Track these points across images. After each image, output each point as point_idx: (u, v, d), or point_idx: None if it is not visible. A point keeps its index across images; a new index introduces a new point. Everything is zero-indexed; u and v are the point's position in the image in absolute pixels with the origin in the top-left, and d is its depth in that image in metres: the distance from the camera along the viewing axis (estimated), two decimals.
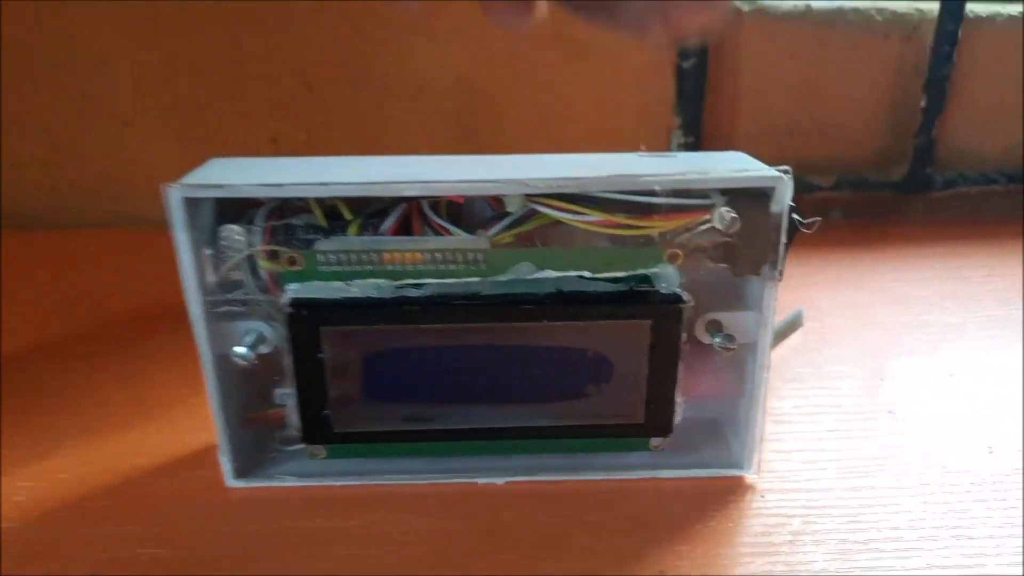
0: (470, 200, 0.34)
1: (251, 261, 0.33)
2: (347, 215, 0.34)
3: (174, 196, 0.30)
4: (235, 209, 0.33)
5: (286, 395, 0.35)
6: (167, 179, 0.30)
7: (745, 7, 0.65)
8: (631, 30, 0.23)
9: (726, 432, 0.38)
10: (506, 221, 0.34)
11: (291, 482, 0.36)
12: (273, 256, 0.33)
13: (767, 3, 0.66)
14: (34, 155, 0.66)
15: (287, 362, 0.33)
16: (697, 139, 0.67)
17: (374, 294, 0.32)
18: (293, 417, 0.34)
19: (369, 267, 0.32)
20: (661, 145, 0.68)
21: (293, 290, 0.32)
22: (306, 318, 0.32)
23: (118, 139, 0.66)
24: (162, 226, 0.31)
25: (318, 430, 0.34)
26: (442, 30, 0.64)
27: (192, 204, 0.30)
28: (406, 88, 0.66)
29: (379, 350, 0.33)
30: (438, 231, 0.34)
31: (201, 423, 0.41)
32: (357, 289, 0.32)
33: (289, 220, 0.33)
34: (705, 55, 0.66)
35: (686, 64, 0.66)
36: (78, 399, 0.44)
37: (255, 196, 0.31)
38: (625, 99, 0.67)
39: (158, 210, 0.31)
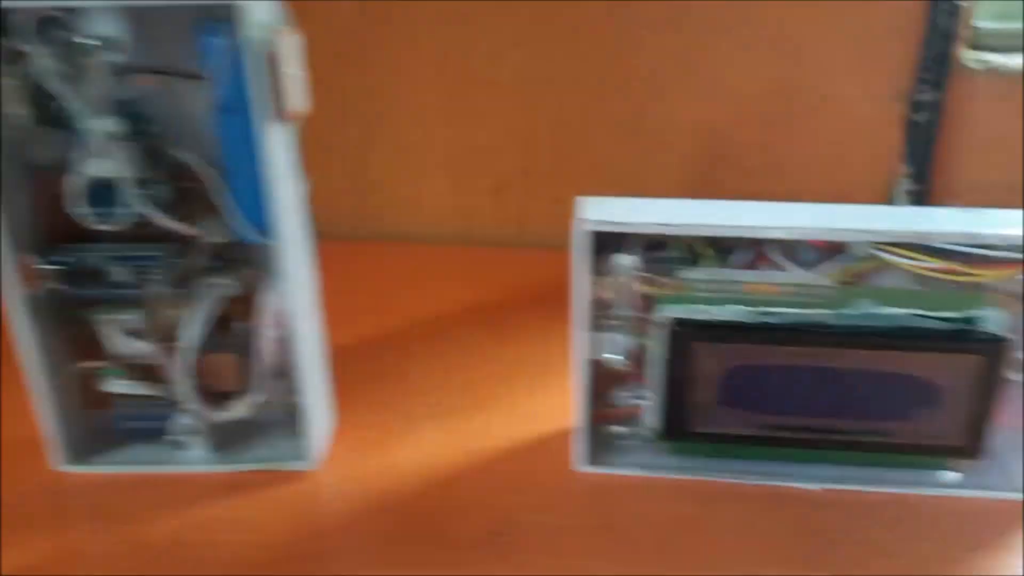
0: (795, 242, 0.40)
1: (628, 284, 0.40)
2: (705, 251, 0.40)
3: (584, 230, 0.38)
4: (613, 240, 0.40)
5: (638, 397, 0.42)
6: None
7: (980, 67, 0.69)
8: None
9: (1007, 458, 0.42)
10: (843, 262, 0.40)
11: (635, 471, 0.43)
12: (649, 281, 0.40)
13: (1000, 63, 0.69)
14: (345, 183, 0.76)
15: (652, 368, 0.40)
16: (926, 189, 0.71)
17: (738, 318, 0.39)
18: (650, 415, 0.41)
19: (732, 295, 0.39)
20: (886, 193, 0.73)
21: (670, 311, 0.39)
22: (682, 334, 0.39)
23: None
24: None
25: (676, 428, 0.41)
26: (687, 78, 0.71)
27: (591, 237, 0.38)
28: (647, 130, 0.73)
29: (738, 365, 0.39)
30: (780, 267, 0.40)
31: (552, 413, 0.48)
32: (723, 313, 0.39)
33: (656, 252, 0.41)
34: (936, 109, 0.70)
35: (917, 118, 0.71)
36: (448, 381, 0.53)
37: (650, 232, 0.38)
38: (855, 147, 0.72)
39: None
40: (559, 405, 0.50)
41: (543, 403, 0.51)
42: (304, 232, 0.42)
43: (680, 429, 0.41)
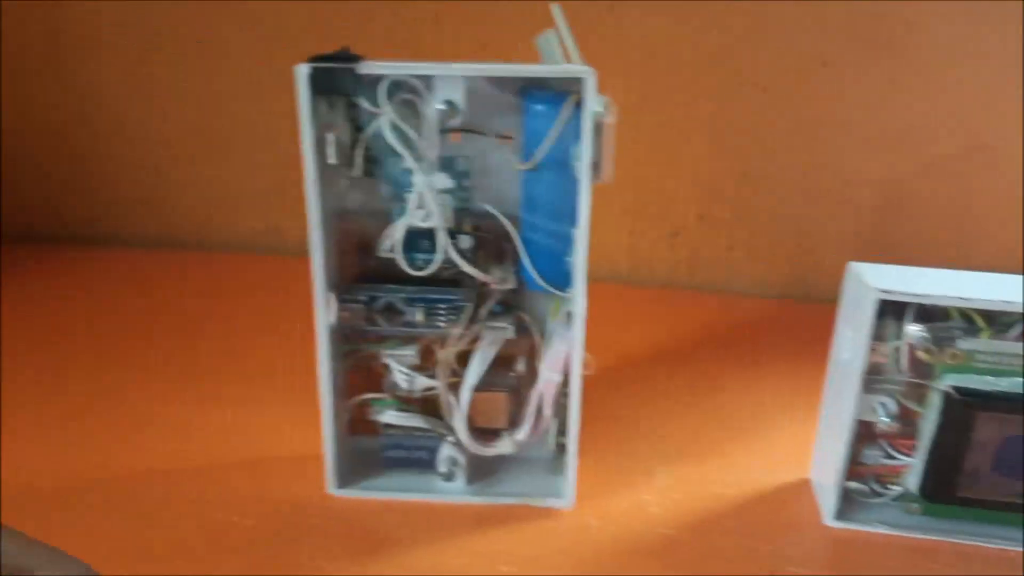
0: None
1: (899, 351, 0.42)
2: (981, 323, 0.42)
3: (873, 298, 0.39)
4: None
5: (892, 457, 0.43)
6: None
7: None
8: None
9: None
10: None
11: (886, 530, 0.44)
12: (929, 350, 0.41)
13: None
14: None
15: (923, 432, 0.41)
16: None
17: (1017, 389, 0.40)
18: (912, 477, 0.43)
19: (1012, 367, 0.40)
20: None
21: (949, 379, 0.40)
22: (961, 402, 0.40)
23: None
24: None
25: (941, 491, 0.42)
26: (873, 131, 0.72)
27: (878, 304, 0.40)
28: (829, 182, 0.74)
29: (1013, 434, 0.40)
30: None
31: (780, 462, 0.50)
32: (1004, 384, 0.40)
33: (934, 322, 0.42)
34: None
35: None
36: (667, 424, 0.55)
37: (941, 304, 0.40)
38: None
39: None
40: (786, 455, 0.52)
41: (768, 452, 0.52)
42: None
43: (945, 492, 0.42)
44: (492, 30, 0.74)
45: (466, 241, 0.42)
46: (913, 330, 0.41)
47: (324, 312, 0.42)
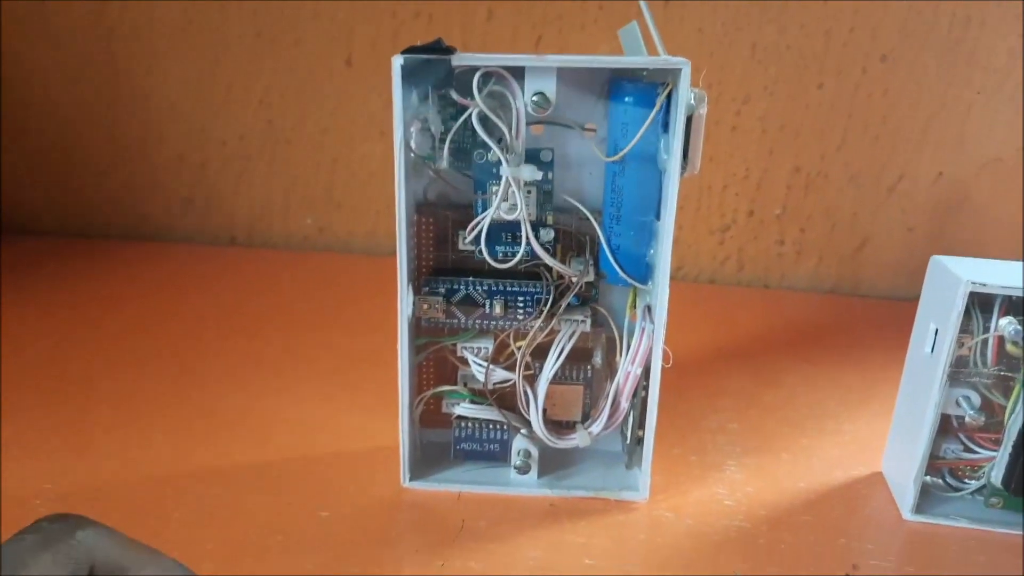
0: None
1: (986, 343, 0.42)
2: None
3: (964, 291, 0.39)
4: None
5: (972, 451, 0.43)
6: None
7: None
8: None
9: None
10: None
11: (965, 524, 0.44)
12: (1016, 343, 0.41)
13: None
14: None
15: (1009, 423, 0.41)
16: None
17: None
18: (996, 470, 0.42)
19: None
20: None
21: None
22: None
23: None
24: None
25: None
26: (930, 131, 0.72)
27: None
28: (885, 180, 0.74)
29: None
30: None
31: (850, 457, 0.50)
32: None
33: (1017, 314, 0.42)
34: None
35: None
36: (733, 420, 0.55)
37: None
38: None
39: None
40: (855, 449, 0.52)
41: (836, 446, 0.52)
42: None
43: None
44: (546, 24, 0.74)
45: (548, 234, 0.42)
46: (1004, 322, 0.40)
47: (406, 305, 0.42)
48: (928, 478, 0.45)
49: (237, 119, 0.83)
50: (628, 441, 0.46)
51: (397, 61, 0.36)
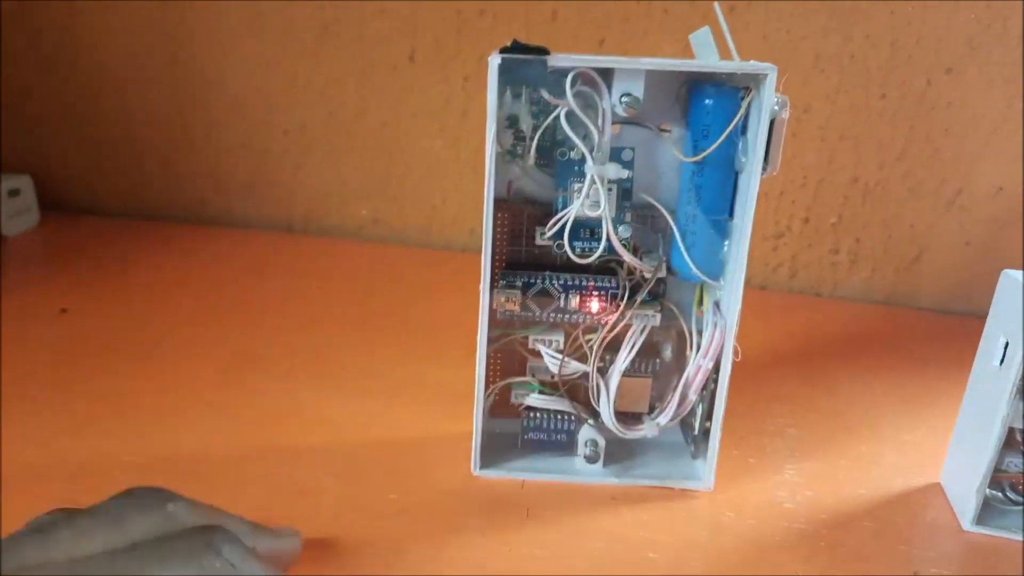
0: None
1: None
2: None
3: None
4: None
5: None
6: None
7: None
8: None
9: None
10: None
11: (1018, 536, 0.44)
12: None
13: None
14: None
15: None
16: None
17: None
18: None
19: None
20: None
21: None
22: None
23: None
24: None
25: None
26: (991, 143, 0.72)
27: None
28: (943, 191, 0.74)
29: None
30: None
31: (920, 463, 0.51)
32: None
33: None
34: None
35: None
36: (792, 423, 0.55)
37: None
38: None
39: None
40: (914, 458, 0.52)
41: (894, 455, 0.52)
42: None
43: None
44: (610, 26, 0.75)
45: (626, 231, 0.43)
46: None
47: (488, 297, 0.44)
48: (988, 491, 0.46)
49: (299, 109, 0.85)
50: (696, 432, 0.47)
51: (495, 60, 0.38)
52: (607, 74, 0.40)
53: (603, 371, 0.46)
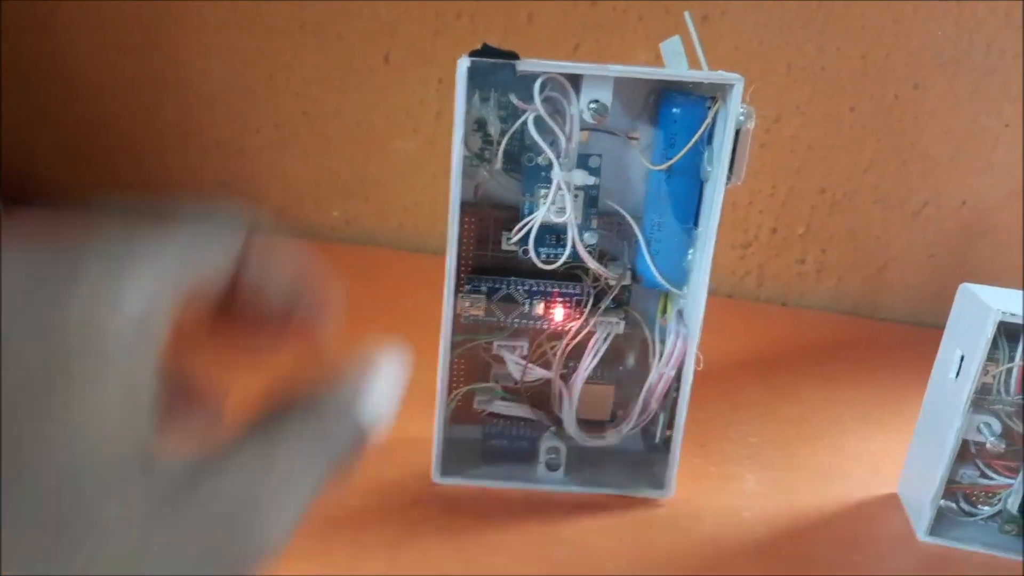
0: None
1: (1010, 372, 0.43)
2: None
3: (994, 319, 0.40)
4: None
5: (988, 477, 0.44)
6: None
7: None
8: None
9: None
10: None
11: (980, 549, 0.45)
12: None
13: None
14: None
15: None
16: None
17: None
18: (1013, 497, 0.43)
19: None
20: None
21: None
22: None
23: None
24: None
25: None
26: (959, 157, 0.73)
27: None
28: (910, 204, 0.75)
29: None
30: None
31: (878, 474, 0.51)
32: None
33: None
34: None
35: None
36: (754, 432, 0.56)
37: None
38: None
39: None
40: (872, 468, 0.53)
41: (853, 465, 0.53)
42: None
43: None
44: (586, 31, 0.75)
45: (592, 238, 0.43)
46: None
47: (452, 301, 0.43)
48: (942, 502, 0.46)
49: (275, 108, 0.84)
50: (658, 440, 0.47)
51: (463, 64, 0.38)
52: (576, 80, 0.40)
53: (566, 378, 0.46)
